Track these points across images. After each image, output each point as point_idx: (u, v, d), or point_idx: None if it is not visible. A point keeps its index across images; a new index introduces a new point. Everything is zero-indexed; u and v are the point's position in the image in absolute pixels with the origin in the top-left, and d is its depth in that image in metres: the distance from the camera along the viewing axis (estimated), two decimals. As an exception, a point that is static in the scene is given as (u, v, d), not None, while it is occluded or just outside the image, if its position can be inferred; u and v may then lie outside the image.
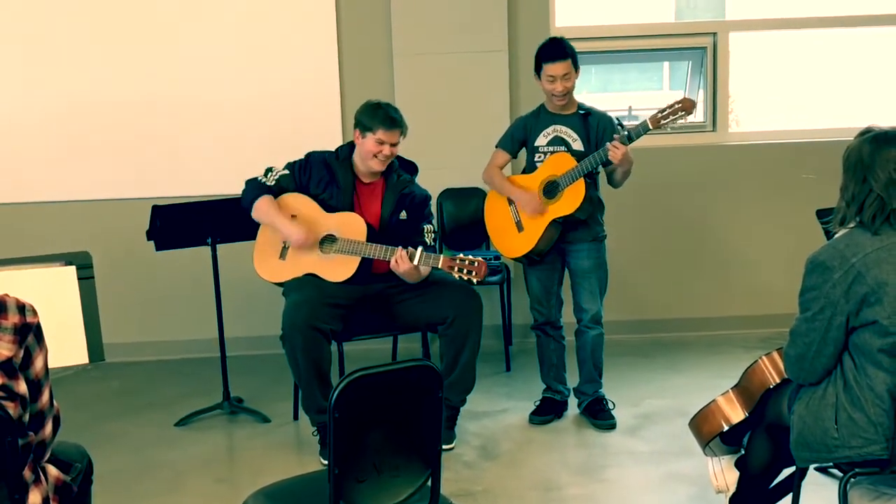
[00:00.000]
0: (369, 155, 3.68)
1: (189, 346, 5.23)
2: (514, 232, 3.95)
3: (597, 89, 6.02)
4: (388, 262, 3.57)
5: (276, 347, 3.72)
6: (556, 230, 3.87)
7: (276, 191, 3.77)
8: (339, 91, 5.12)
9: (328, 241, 3.71)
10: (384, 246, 3.59)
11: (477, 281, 3.45)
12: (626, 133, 3.68)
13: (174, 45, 5.06)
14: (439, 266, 3.49)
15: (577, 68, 3.83)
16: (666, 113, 3.70)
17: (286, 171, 3.81)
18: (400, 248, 3.54)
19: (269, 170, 3.83)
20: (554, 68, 3.77)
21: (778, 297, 5.15)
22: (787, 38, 5.60)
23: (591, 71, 5.73)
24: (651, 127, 3.70)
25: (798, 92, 5.71)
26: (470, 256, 3.47)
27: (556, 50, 3.78)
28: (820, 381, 2.45)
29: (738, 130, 5.57)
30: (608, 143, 3.67)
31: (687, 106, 3.69)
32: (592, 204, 3.86)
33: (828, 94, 5.63)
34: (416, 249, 3.54)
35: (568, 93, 3.85)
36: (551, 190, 3.85)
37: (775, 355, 2.79)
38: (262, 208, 3.72)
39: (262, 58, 5.09)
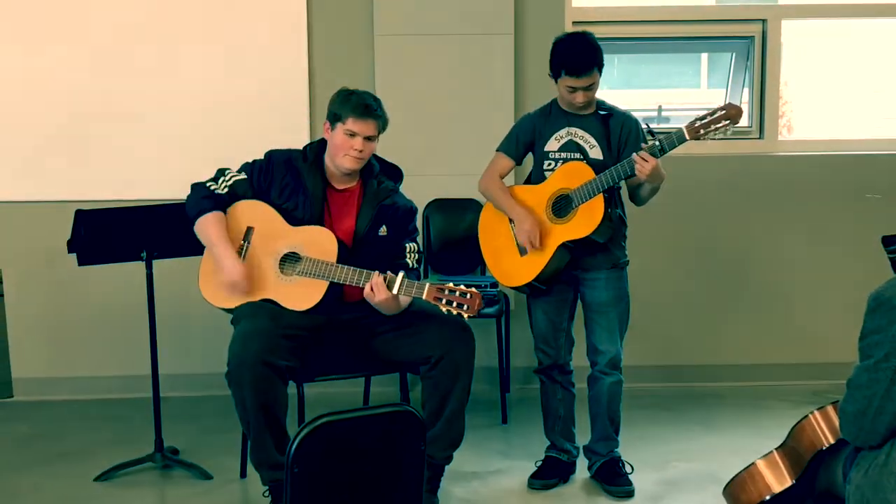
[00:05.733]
0: (339, 151, 3.70)
1: (115, 383, 5.21)
2: (514, 255, 3.96)
3: (620, 85, 6.06)
4: (362, 288, 3.58)
5: (222, 388, 3.70)
6: (567, 255, 3.88)
7: (229, 199, 3.78)
8: (308, 79, 5.14)
9: (290, 259, 3.71)
10: (357, 269, 3.59)
11: (468, 316, 3.47)
12: (656, 142, 3.71)
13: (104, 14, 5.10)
14: (423, 297, 3.50)
15: (601, 70, 3.87)
16: (707, 122, 3.72)
17: (242, 176, 3.81)
18: (376, 273, 3.56)
19: (220, 172, 3.83)
20: (577, 81, 3.81)
21: (834, 341, 5.17)
22: (852, 27, 5.65)
23: (613, 62, 5.77)
24: (688, 138, 3.72)
25: (864, 94, 5.76)
26: (462, 286, 3.48)
27: (582, 61, 3.78)
28: (882, 444, 2.46)
29: (790, 138, 5.62)
30: (634, 154, 3.70)
31: (732, 114, 3.72)
32: (613, 225, 3.89)
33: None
34: (396, 275, 3.55)
35: (591, 100, 3.90)
36: (563, 207, 3.87)
37: (830, 411, 2.80)
38: (205, 227, 3.73)
39: (213, 35, 5.12)
